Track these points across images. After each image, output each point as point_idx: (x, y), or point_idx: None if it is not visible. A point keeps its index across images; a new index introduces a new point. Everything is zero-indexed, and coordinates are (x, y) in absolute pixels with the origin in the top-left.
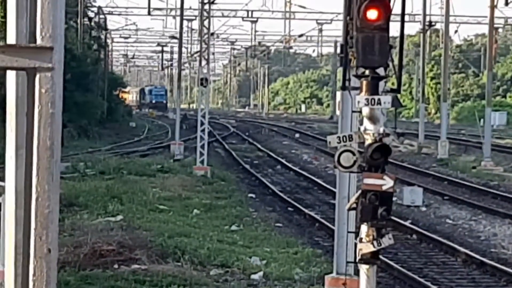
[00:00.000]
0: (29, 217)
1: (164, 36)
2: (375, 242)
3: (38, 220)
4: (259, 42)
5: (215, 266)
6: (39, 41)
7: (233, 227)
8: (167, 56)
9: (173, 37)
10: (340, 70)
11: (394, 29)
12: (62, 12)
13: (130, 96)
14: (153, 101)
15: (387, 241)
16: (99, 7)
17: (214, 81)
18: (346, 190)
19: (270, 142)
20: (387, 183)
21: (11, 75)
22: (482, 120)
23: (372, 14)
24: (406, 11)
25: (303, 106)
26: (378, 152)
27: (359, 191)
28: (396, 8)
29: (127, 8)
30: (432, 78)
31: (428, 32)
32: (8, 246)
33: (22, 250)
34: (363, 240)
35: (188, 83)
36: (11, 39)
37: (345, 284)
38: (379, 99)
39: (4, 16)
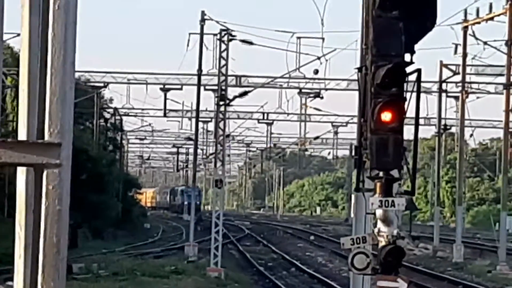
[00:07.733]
0: None
1: (179, 138)
2: None
3: None
4: (275, 144)
5: None
6: (47, 137)
7: None
8: (182, 157)
9: (188, 138)
10: (355, 173)
11: (409, 132)
12: (71, 108)
13: (157, 196)
14: (186, 202)
15: None
16: (115, 109)
17: (229, 182)
18: None
19: (284, 244)
20: (400, 285)
21: (21, 172)
22: (497, 224)
23: (386, 116)
24: (422, 115)
25: (318, 209)
26: (391, 254)
27: None
28: (411, 112)
29: (143, 109)
30: (447, 182)
31: (444, 136)
32: None
33: None
34: None
35: (203, 184)
36: (22, 136)
37: None
38: (392, 201)
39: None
